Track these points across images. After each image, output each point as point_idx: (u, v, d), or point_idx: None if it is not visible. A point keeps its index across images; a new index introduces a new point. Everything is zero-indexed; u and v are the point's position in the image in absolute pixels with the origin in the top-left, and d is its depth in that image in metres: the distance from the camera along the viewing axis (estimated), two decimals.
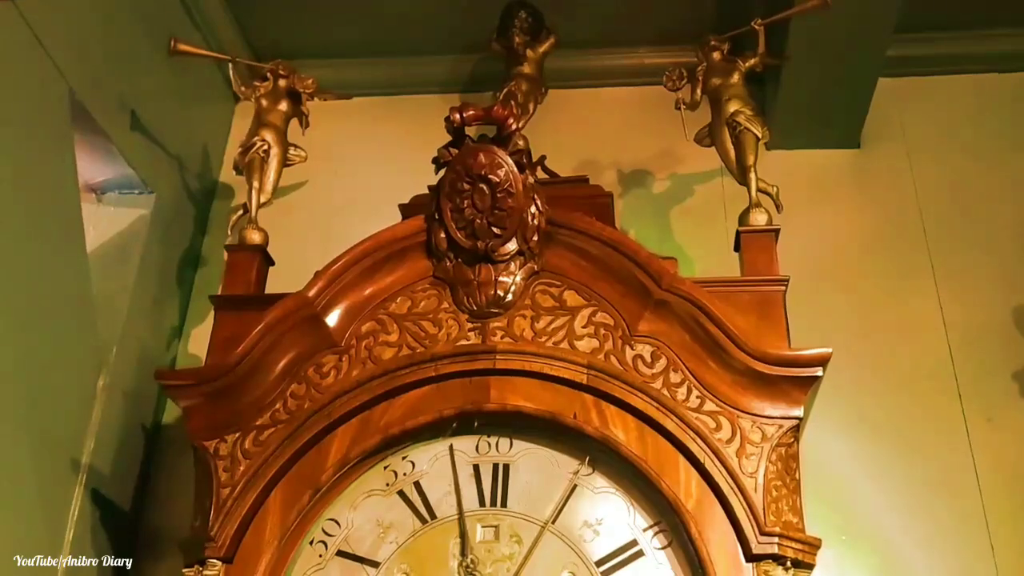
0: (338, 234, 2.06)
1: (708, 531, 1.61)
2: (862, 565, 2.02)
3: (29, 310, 1.88)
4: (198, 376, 1.80)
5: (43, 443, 1.91)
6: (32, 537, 1.86)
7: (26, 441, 1.85)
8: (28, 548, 1.84)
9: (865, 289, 2.29)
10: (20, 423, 1.84)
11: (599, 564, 1.68)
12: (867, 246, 2.35)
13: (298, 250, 2.17)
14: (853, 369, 2.14)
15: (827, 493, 2.04)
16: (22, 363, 1.86)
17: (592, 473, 1.74)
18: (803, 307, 1.94)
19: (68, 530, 1.96)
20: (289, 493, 1.72)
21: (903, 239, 2.37)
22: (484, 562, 1.70)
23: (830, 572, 1.95)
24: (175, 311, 2.40)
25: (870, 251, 2.35)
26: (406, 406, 1.76)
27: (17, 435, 1.83)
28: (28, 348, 1.88)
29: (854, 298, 2.28)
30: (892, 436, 2.14)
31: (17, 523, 1.82)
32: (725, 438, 1.66)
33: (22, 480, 1.84)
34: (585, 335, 1.76)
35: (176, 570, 1.73)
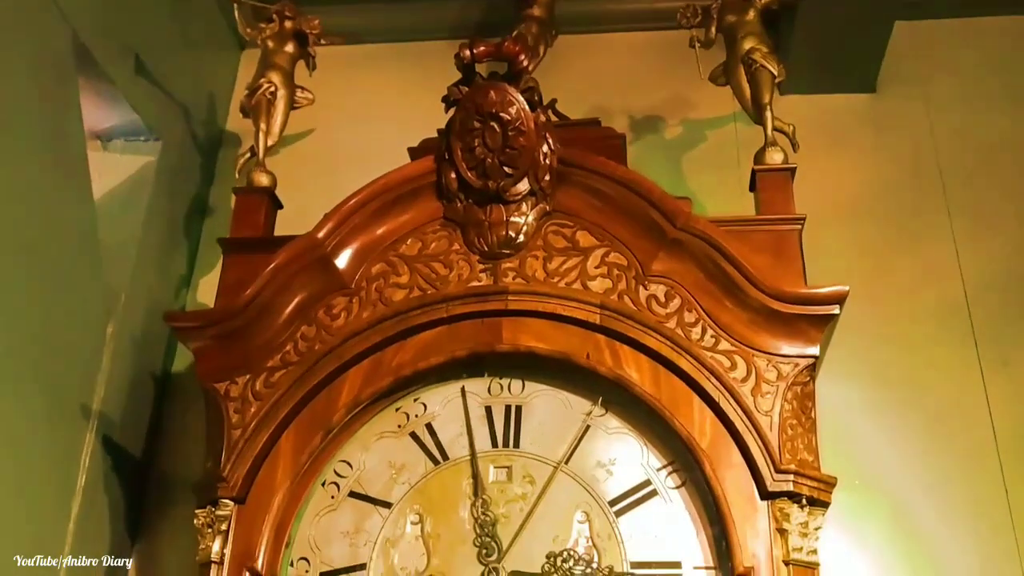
0: (347, 181, 2.01)
1: (723, 470, 1.60)
2: (875, 509, 2.01)
3: (37, 257, 1.87)
4: (207, 318, 1.78)
5: (53, 389, 1.90)
6: (44, 482, 1.86)
7: (36, 387, 1.85)
8: (40, 492, 1.85)
9: (880, 234, 2.26)
10: (30, 370, 1.83)
11: (612, 504, 1.67)
12: (883, 191, 2.32)
13: (306, 197, 2.13)
14: (868, 314, 2.11)
15: (841, 437, 2.02)
16: (31, 310, 1.85)
17: (605, 414, 1.73)
18: (817, 252, 1.91)
19: (80, 475, 1.96)
20: (300, 434, 1.71)
21: (919, 184, 2.33)
22: (497, 502, 1.69)
23: (843, 516, 1.93)
24: (183, 260, 2.38)
25: (886, 196, 2.31)
26: (417, 347, 1.75)
27: (27, 382, 1.82)
28: (36, 295, 1.86)
29: (869, 243, 2.25)
30: (907, 381, 2.12)
31: (29, 468, 1.82)
32: (740, 377, 1.64)
33: (33, 426, 1.83)
34: (598, 275, 1.74)
35: (188, 516, 1.73)
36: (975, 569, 1.94)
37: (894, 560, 1.97)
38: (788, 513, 1.56)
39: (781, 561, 1.53)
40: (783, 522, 1.55)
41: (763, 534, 1.55)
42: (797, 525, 1.56)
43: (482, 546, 1.66)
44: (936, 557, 1.97)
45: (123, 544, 2.07)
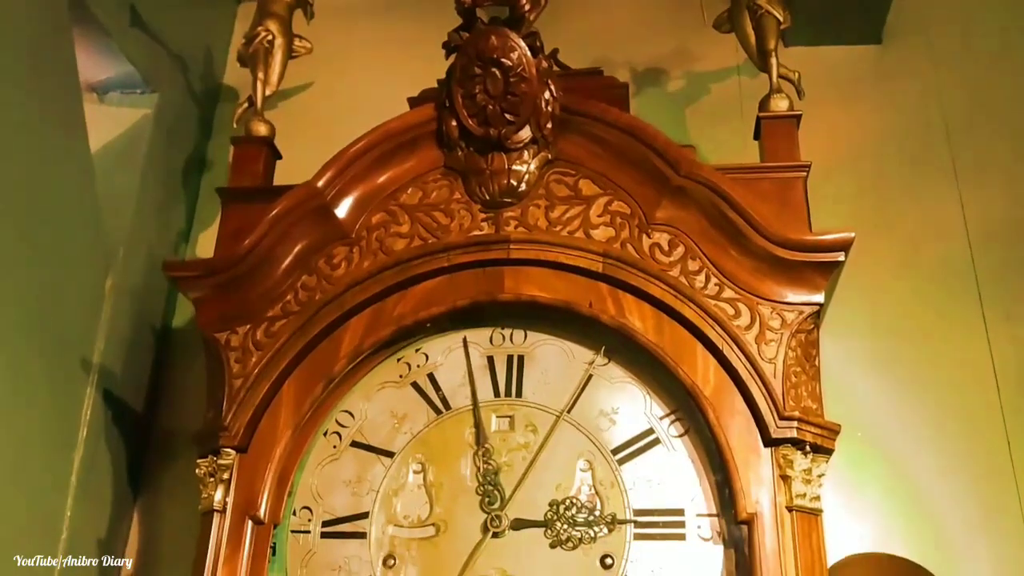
0: (347, 134, 1.98)
1: (726, 417, 1.59)
2: (877, 461, 2.01)
3: (34, 211, 1.85)
4: (207, 267, 1.77)
5: (53, 344, 1.89)
6: (46, 435, 1.86)
7: (36, 342, 1.84)
8: (43, 446, 1.85)
9: (885, 187, 2.24)
10: (29, 324, 1.82)
11: (615, 452, 1.67)
12: (888, 143, 2.29)
13: (306, 150, 2.09)
14: (871, 266, 2.09)
15: (842, 390, 2.01)
16: (29, 265, 1.83)
17: (608, 363, 1.73)
18: (821, 205, 1.88)
19: (82, 428, 1.96)
20: (302, 384, 1.71)
21: (925, 137, 2.30)
22: (499, 451, 1.69)
23: (845, 468, 1.93)
24: (182, 214, 2.36)
25: (891, 148, 2.28)
26: (419, 297, 1.73)
27: (27, 336, 1.81)
28: (34, 249, 1.85)
29: (873, 196, 2.23)
30: (910, 334, 2.10)
31: (31, 421, 1.81)
32: (744, 324, 1.63)
33: (33, 380, 1.83)
34: (601, 224, 1.72)
35: (191, 469, 1.73)
36: (975, 522, 1.94)
37: (894, 512, 1.96)
38: (791, 460, 1.55)
39: (784, 507, 1.53)
40: (786, 469, 1.55)
41: (766, 481, 1.55)
42: (800, 472, 1.55)
43: (484, 495, 1.66)
44: (936, 509, 1.96)
45: (125, 497, 2.07)
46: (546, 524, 1.62)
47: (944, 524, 1.95)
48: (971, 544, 1.91)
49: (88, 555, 1.94)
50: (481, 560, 1.62)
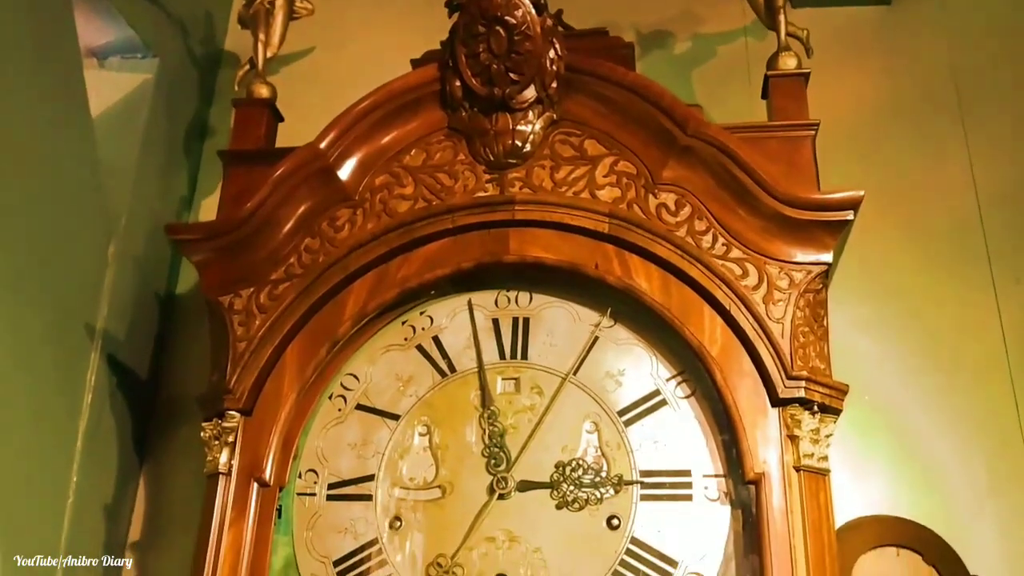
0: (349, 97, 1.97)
1: (733, 377, 1.58)
2: (884, 425, 1.99)
3: (34, 178, 1.84)
4: (210, 230, 1.76)
5: (57, 310, 1.89)
6: (50, 401, 1.85)
7: (39, 307, 1.83)
8: (47, 412, 1.84)
9: (894, 148, 2.21)
10: (33, 291, 1.81)
11: (621, 414, 1.66)
12: (897, 106, 2.26)
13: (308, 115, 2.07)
14: (880, 229, 2.07)
15: (850, 353, 1.99)
16: (31, 230, 1.82)
17: (614, 325, 1.71)
18: (829, 166, 1.86)
19: (86, 394, 1.95)
20: (306, 347, 1.70)
21: (934, 99, 2.27)
22: (505, 413, 1.68)
23: (852, 432, 1.92)
24: (184, 181, 2.34)
25: (900, 111, 2.25)
26: (423, 259, 1.72)
27: (30, 303, 1.80)
28: (36, 216, 1.84)
29: (882, 158, 2.20)
30: (918, 296, 2.08)
31: (35, 388, 1.81)
32: (752, 284, 1.61)
33: (38, 347, 1.82)
34: (606, 184, 1.70)
35: (196, 435, 1.72)
36: (983, 485, 1.93)
37: (902, 476, 1.95)
38: (799, 420, 1.54)
39: (792, 467, 1.52)
40: (794, 429, 1.54)
41: (773, 441, 1.54)
42: (808, 432, 1.54)
43: (490, 456, 1.65)
44: (944, 473, 1.95)
45: (131, 463, 2.07)
46: (552, 486, 1.62)
47: (952, 488, 1.94)
48: (979, 507, 1.90)
49: (95, 521, 1.95)
50: (487, 522, 1.62)
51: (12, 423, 1.74)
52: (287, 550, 1.65)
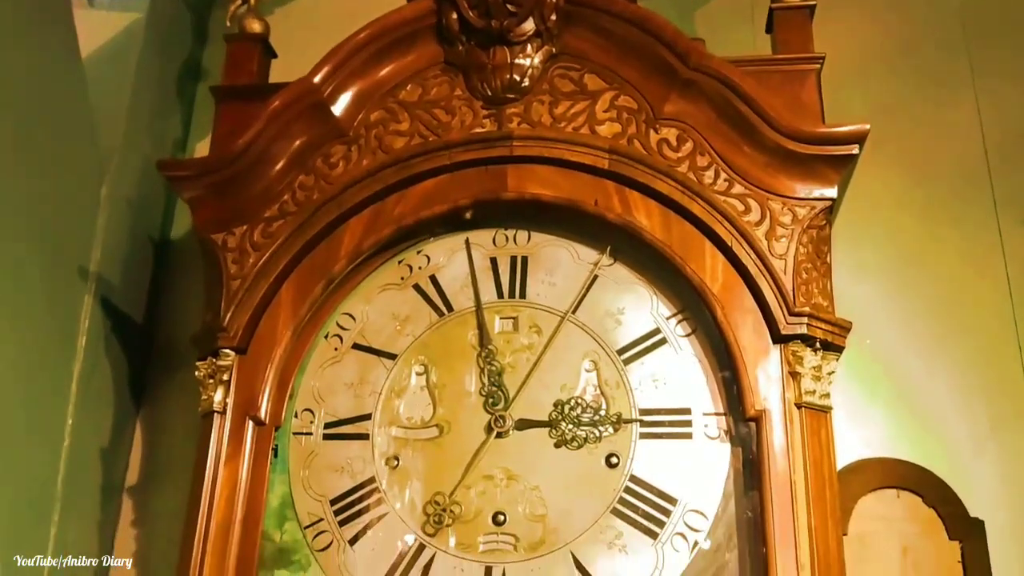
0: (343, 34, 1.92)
1: (734, 314, 1.56)
2: (886, 368, 1.97)
3: (24, 117, 1.80)
4: (202, 167, 1.73)
5: (49, 251, 1.86)
6: (45, 344, 1.83)
7: (31, 249, 1.80)
8: (41, 354, 1.82)
9: (900, 90, 2.16)
10: (24, 230, 1.78)
11: (621, 352, 1.64)
12: (903, 45, 2.20)
13: (301, 51, 2.03)
14: (884, 170, 2.04)
15: (852, 296, 1.97)
16: (21, 171, 1.79)
17: (613, 263, 1.69)
18: (832, 107, 1.82)
19: (80, 336, 1.93)
20: (301, 284, 1.68)
21: (942, 39, 2.22)
22: (503, 352, 1.67)
23: (853, 375, 1.90)
24: (178, 123, 2.30)
25: (906, 51, 2.20)
26: (420, 196, 1.69)
27: (22, 243, 1.77)
28: (26, 155, 1.80)
29: (887, 100, 2.15)
30: (922, 239, 2.05)
31: (29, 330, 1.79)
32: (754, 220, 1.58)
33: (31, 289, 1.80)
34: (607, 119, 1.67)
35: (191, 380, 1.71)
36: (984, 429, 1.91)
37: (903, 419, 1.93)
38: (801, 356, 1.52)
39: (793, 404, 1.51)
40: (796, 365, 1.52)
41: (775, 378, 1.52)
42: (810, 369, 1.52)
43: (488, 395, 1.64)
44: (945, 416, 1.93)
45: (127, 406, 2.05)
46: (550, 424, 1.60)
47: (952, 430, 1.92)
48: (979, 450, 1.89)
49: (91, 464, 1.94)
50: (485, 460, 1.61)
51: (5, 365, 1.72)
52: (283, 489, 1.64)
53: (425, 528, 1.59)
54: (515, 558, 1.55)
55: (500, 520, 1.57)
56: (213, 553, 1.55)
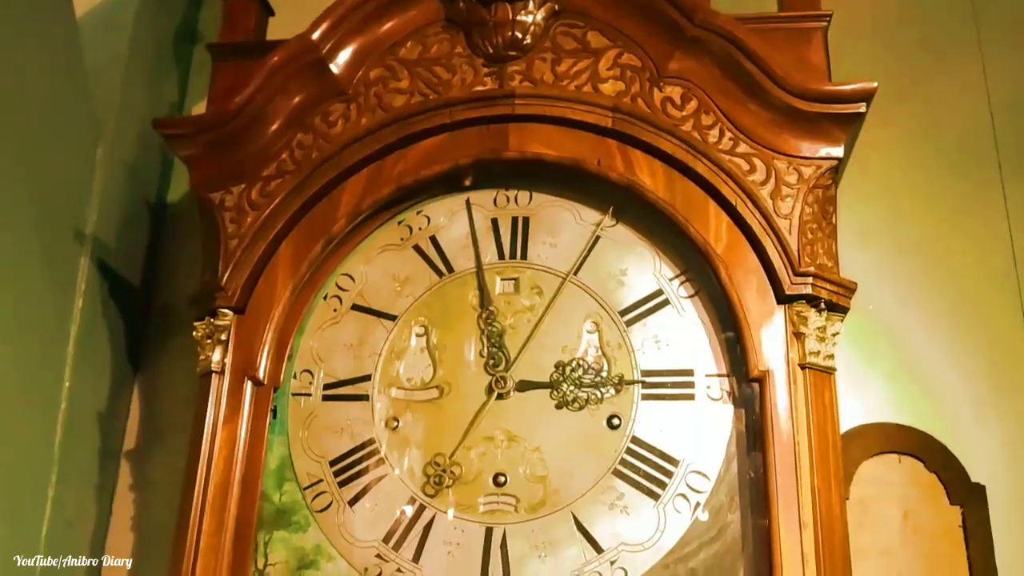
0: None
1: (738, 274, 1.54)
2: (888, 333, 1.95)
3: (16, 77, 1.76)
4: (199, 124, 1.70)
5: (44, 213, 1.83)
6: (40, 305, 1.81)
7: (26, 210, 1.78)
8: (37, 316, 1.80)
9: (905, 52, 2.13)
10: (18, 190, 1.75)
11: (623, 313, 1.62)
12: (910, 5, 2.17)
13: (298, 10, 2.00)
14: (889, 133, 2.01)
15: (855, 260, 1.95)
16: (15, 131, 1.76)
17: (616, 224, 1.67)
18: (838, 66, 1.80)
19: (77, 299, 1.91)
20: (300, 244, 1.66)
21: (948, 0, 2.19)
22: (504, 314, 1.65)
23: (856, 339, 1.88)
24: (174, 86, 2.27)
25: (912, 11, 2.17)
26: (420, 155, 1.67)
27: (16, 202, 1.75)
28: (19, 116, 1.77)
29: (894, 58, 2.12)
30: (926, 206, 2.03)
31: (24, 291, 1.76)
32: (759, 180, 1.56)
33: (26, 249, 1.77)
34: (610, 77, 1.64)
35: (190, 345, 1.69)
36: (986, 395, 1.89)
37: (905, 384, 1.91)
38: (805, 317, 1.51)
39: (797, 365, 1.49)
40: (800, 326, 1.50)
41: (779, 338, 1.51)
42: (815, 329, 1.51)
43: (489, 357, 1.62)
44: (948, 382, 1.91)
45: (125, 370, 2.04)
46: (552, 385, 1.59)
47: (954, 397, 1.90)
48: (981, 416, 1.87)
49: (88, 428, 1.92)
50: (485, 422, 1.59)
51: (1, 328, 1.70)
52: (282, 450, 1.63)
53: (425, 489, 1.58)
54: (516, 519, 1.54)
55: (501, 481, 1.56)
56: (212, 513, 1.54)
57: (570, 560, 1.50)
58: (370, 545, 1.56)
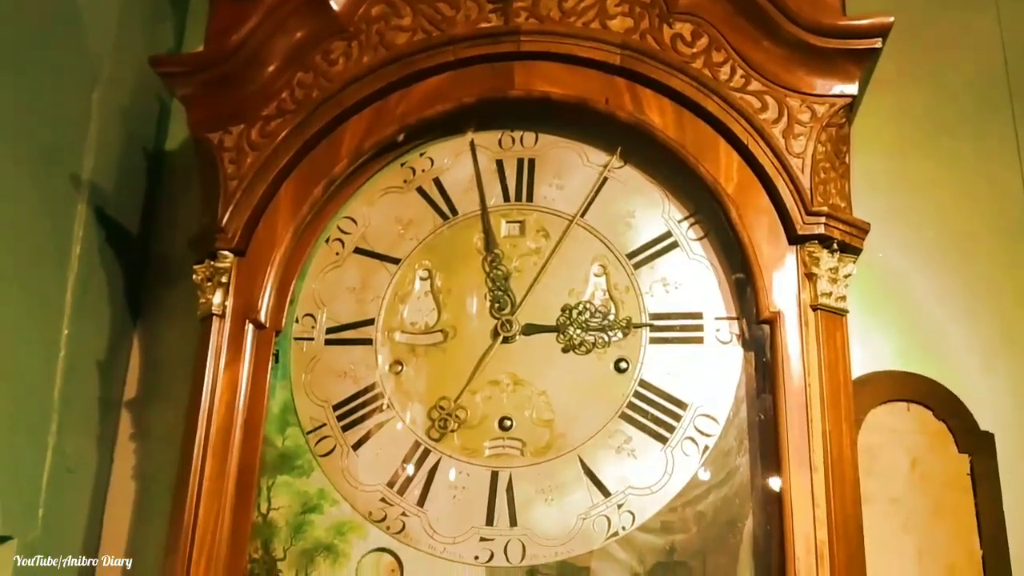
0: None
1: (749, 215, 1.51)
2: (897, 280, 1.93)
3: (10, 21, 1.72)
4: (196, 62, 1.66)
5: (40, 158, 1.80)
6: (37, 251, 1.78)
7: (22, 157, 1.74)
8: (34, 261, 1.78)
9: None
10: (13, 133, 1.72)
11: (631, 256, 1.59)
12: None
13: None
14: (901, 78, 1.97)
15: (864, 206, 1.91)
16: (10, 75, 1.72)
17: (624, 165, 1.63)
18: (851, 3, 1.75)
19: (74, 245, 1.88)
20: (301, 185, 1.62)
21: None
22: (509, 257, 1.62)
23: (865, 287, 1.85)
24: (170, 29, 2.22)
25: None
26: (423, 94, 1.63)
27: (12, 151, 1.71)
28: (15, 61, 1.74)
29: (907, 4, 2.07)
30: (938, 153, 1.98)
31: (20, 236, 1.73)
32: (771, 118, 1.53)
33: (20, 193, 1.74)
34: (618, 14, 1.60)
35: (190, 294, 1.66)
36: (996, 343, 1.85)
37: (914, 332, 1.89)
38: (818, 257, 1.48)
39: (808, 306, 1.46)
40: (812, 267, 1.47)
41: (790, 279, 1.48)
42: (827, 270, 1.48)
43: (494, 300, 1.59)
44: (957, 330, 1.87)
45: (124, 318, 2.01)
46: (558, 329, 1.57)
47: (964, 345, 1.88)
48: (990, 365, 1.85)
49: (88, 376, 1.90)
50: (491, 365, 1.57)
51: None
52: (285, 394, 1.61)
53: (430, 433, 1.56)
54: (522, 463, 1.52)
55: (507, 425, 1.54)
56: (214, 458, 1.52)
57: (577, 503, 1.49)
58: (374, 489, 1.55)
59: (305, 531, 1.54)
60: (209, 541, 1.49)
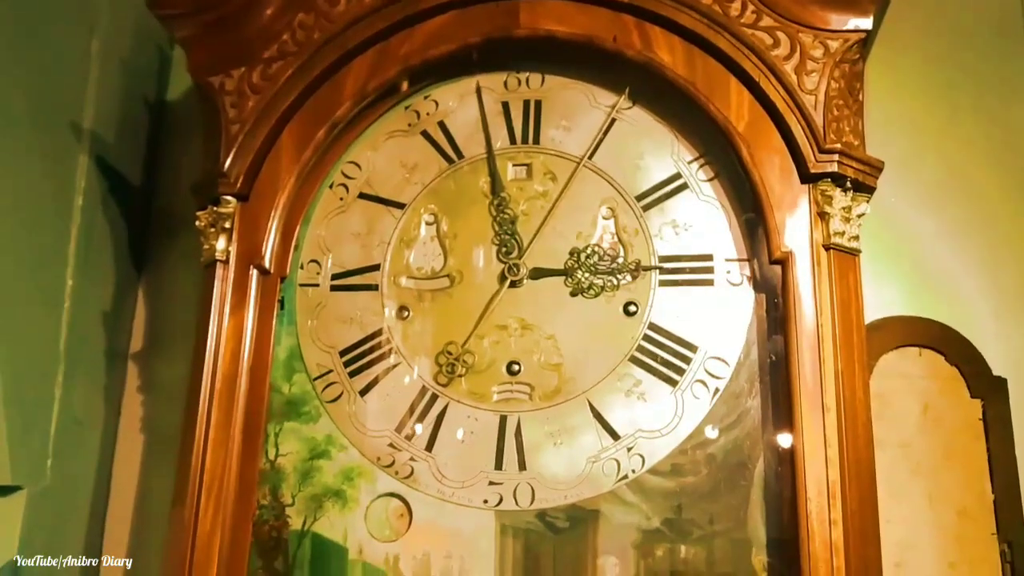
0: None
1: (761, 153, 1.48)
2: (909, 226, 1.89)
3: None
4: (196, 3, 1.62)
5: (40, 108, 1.77)
6: (38, 203, 1.76)
7: (21, 107, 1.72)
8: (37, 214, 1.76)
9: None
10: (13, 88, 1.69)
11: (640, 199, 1.57)
12: None
13: None
14: (916, 19, 1.93)
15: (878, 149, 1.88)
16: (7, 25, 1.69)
17: (632, 106, 1.60)
18: None
19: (77, 197, 1.86)
20: (304, 128, 1.59)
21: None
22: (516, 200, 1.59)
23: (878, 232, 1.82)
24: None
25: None
26: (427, 34, 1.59)
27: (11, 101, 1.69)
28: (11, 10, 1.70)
29: None
30: (952, 98, 1.94)
31: (21, 186, 1.71)
32: (783, 55, 1.49)
33: (23, 147, 1.72)
34: None
35: (194, 246, 1.64)
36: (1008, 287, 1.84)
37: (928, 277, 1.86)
38: (830, 196, 1.45)
39: (821, 246, 1.44)
40: (824, 205, 1.45)
41: (802, 218, 1.45)
42: (840, 209, 1.45)
43: (501, 244, 1.57)
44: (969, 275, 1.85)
45: (128, 271, 2.00)
46: (566, 272, 1.54)
47: (976, 290, 1.86)
48: (1003, 309, 1.83)
49: (94, 328, 1.89)
50: (498, 310, 1.55)
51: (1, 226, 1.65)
52: (291, 340, 1.60)
53: (438, 378, 1.54)
54: (530, 407, 1.51)
55: (515, 370, 1.53)
56: (220, 405, 1.51)
57: (586, 447, 1.48)
58: (382, 435, 1.54)
59: (313, 477, 1.54)
60: (217, 488, 1.48)
